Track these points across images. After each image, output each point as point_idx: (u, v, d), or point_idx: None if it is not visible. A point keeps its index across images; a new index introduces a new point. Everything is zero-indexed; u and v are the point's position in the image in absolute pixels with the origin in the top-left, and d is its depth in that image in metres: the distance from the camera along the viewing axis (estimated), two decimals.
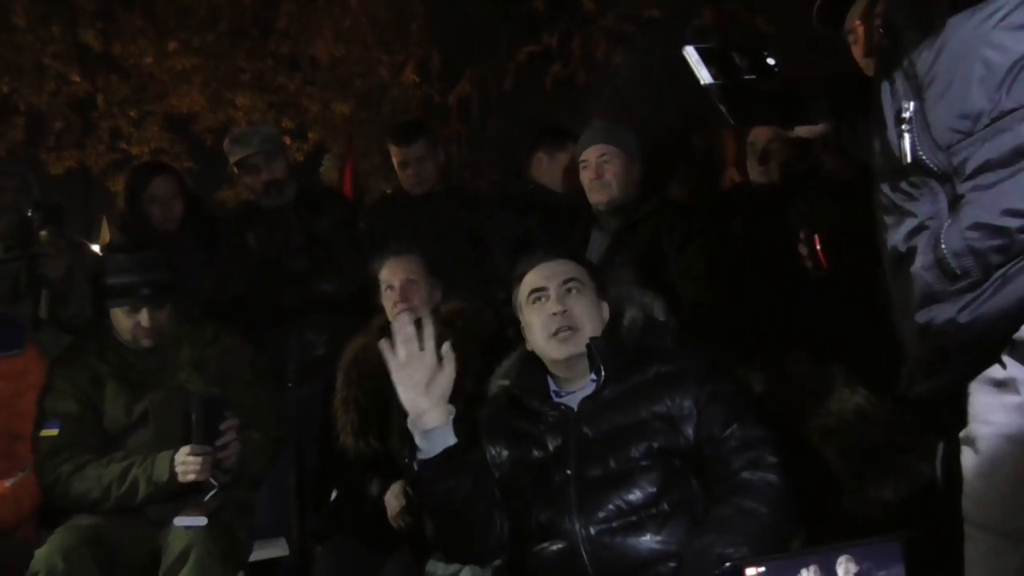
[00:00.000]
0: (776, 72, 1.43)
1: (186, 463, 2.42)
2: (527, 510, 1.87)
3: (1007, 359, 1.17)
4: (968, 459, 1.23)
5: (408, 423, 1.82)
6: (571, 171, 3.25)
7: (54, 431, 2.58)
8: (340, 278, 3.25)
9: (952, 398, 1.26)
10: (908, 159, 1.20)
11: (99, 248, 3.72)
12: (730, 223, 2.84)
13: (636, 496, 1.76)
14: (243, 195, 4.76)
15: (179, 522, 2.38)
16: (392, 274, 2.66)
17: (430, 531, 1.99)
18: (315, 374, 3.14)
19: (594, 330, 1.92)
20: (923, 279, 1.18)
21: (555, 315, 1.90)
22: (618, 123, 3.30)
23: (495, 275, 3.13)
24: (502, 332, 2.54)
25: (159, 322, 2.65)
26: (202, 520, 2.36)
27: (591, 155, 2.89)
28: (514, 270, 2.06)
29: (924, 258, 1.18)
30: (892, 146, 1.23)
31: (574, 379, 1.94)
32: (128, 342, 2.68)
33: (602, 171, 2.86)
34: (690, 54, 1.43)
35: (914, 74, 1.20)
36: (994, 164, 1.12)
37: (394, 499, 2.46)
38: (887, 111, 1.25)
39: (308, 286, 3.25)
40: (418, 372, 1.79)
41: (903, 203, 1.22)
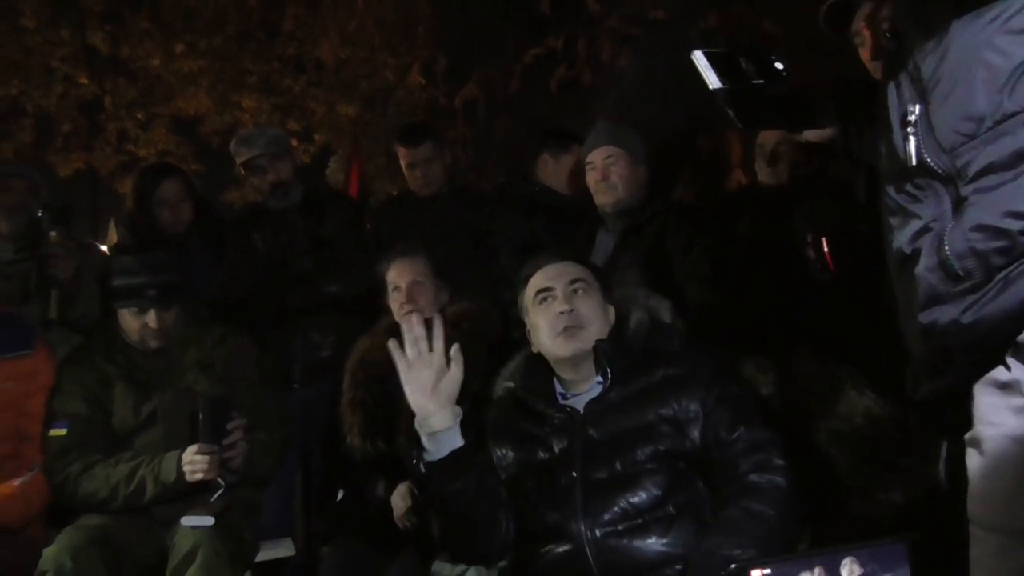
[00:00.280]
0: (783, 76, 1.43)
1: (193, 462, 2.43)
2: (532, 512, 1.87)
3: (1011, 361, 1.17)
4: (973, 461, 1.24)
5: (415, 424, 1.82)
6: (576, 173, 3.26)
7: (63, 431, 2.59)
8: (346, 279, 3.25)
9: (957, 400, 1.27)
10: (913, 161, 1.20)
11: (106, 249, 3.74)
12: (737, 224, 2.84)
13: (641, 499, 1.76)
14: (250, 197, 4.78)
15: (186, 522, 2.39)
16: (399, 275, 2.66)
17: (436, 532, 1.99)
18: (321, 375, 3.14)
19: (600, 331, 1.92)
20: (927, 280, 1.19)
21: (562, 314, 1.90)
22: (623, 125, 3.30)
23: (501, 276, 3.14)
24: (508, 334, 2.54)
25: (166, 323, 2.66)
26: (209, 520, 2.37)
27: (597, 157, 2.89)
28: (520, 272, 2.06)
29: (928, 260, 1.19)
30: (898, 149, 1.24)
31: (580, 381, 1.94)
32: (136, 343, 2.69)
33: (608, 173, 2.87)
34: (698, 59, 1.43)
35: (919, 77, 1.21)
36: (996, 167, 1.12)
37: (400, 500, 2.47)
38: (893, 114, 1.26)
39: (313, 287, 3.25)
40: (426, 373, 1.79)
41: (908, 205, 1.23)
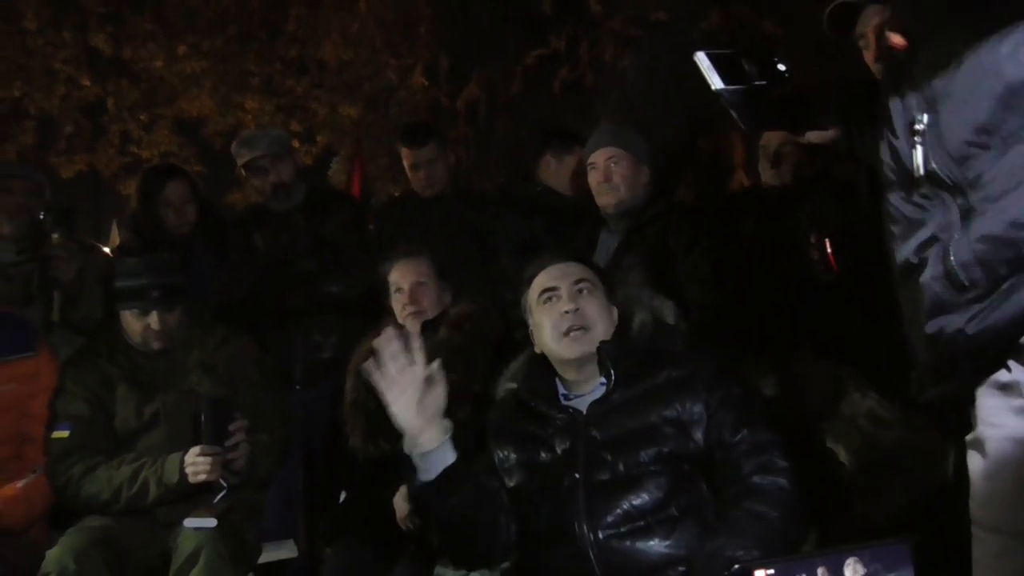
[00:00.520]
0: (786, 78, 1.43)
1: (196, 464, 2.43)
2: (535, 513, 1.86)
3: (1012, 363, 1.17)
4: (975, 462, 1.24)
5: (404, 446, 1.80)
6: (579, 174, 3.26)
7: (65, 433, 2.59)
8: (347, 280, 3.25)
9: (961, 403, 1.27)
10: (920, 171, 1.20)
11: (110, 251, 3.74)
12: (740, 225, 2.84)
13: (644, 500, 1.76)
14: (252, 198, 4.78)
15: (189, 523, 2.39)
16: (402, 276, 2.66)
17: (435, 541, 1.99)
18: (322, 376, 3.14)
19: (605, 332, 1.91)
20: (932, 289, 1.19)
21: (567, 313, 1.90)
22: (626, 126, 3.30)
23: (502, 277, 3.14)
24: (510, 335, 2.54)
25: (169, 325, 2.66)
26: (212, 521, 2.38)
27: (599, 158, 2.89)
28: (523, 273, 2.05)
29: (934, 269, 1.18)
30: (903, 157, 1.23)
31: (583, 382, 1.93)
32: (138, 345, 2.69)
33: (610, 173, 2.86)
34: (701, 60, 1.43)
35: (929, 87, 1.20)
36: (1005, 178, 1.12)
37: (403, 501, 2.46)
38: (897, 122, 1.25)
39: (315, 288, 3.26)
40: (409, 389, 1.76)
41: (913, 214, 1.22)
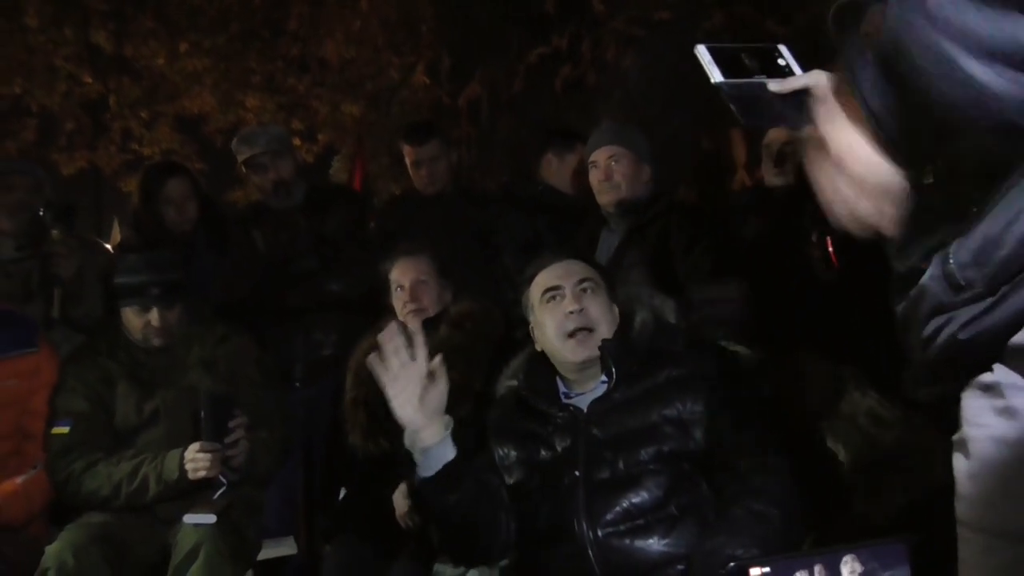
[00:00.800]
0: (787, 73, 1.42)
1: (195, 460, 2.44)
2: (535, 511, 1.86)
3: (996, 364, 1.17)
4: (960, 462, 1.23)
5: (405, 442, 1.80)
6: (580, 172, 3.26)
7: (65, 429, 2.60)
8: (348, 278, 3.25)
9: (956, 402, 1.26)
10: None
11: (111, 247, 3.74)
12: (744, 225, 2.83)
13: (644, 499, 1.75)
14: (253, 196, 4.79)
15: (188, 520, 2.39)
16: (403, 274, 2.66)
17: (435, 538, 1.99)
18: (323, 374, 3.14)
19: (608, 331, 1.91)
20: (931, 290, 1.19)
21: (571, 314, 1.89)
22: (627, 124, 3.30)
23: (504, 276, 3.14)
24: (511, 333, 2.54)
25: (169, 322, 2.66)
26: (211, 518, 2.38)
27: (600, 156, 2.89)
28: (524, 271, 2.05)
29: (932, 269, 1.18)
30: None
31: (584, 381, 1.93)
32: (139, 341, 2.69)
33: (611, 172, 2.86)
34: (702, 53, 1.42)
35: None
36: (1008, 179, 1.11)
37: (402, 498, 2.46)
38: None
39: (315, 286, 3.25)
40: (411, 385, 1.76)
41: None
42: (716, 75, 1.40)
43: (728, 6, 4.75)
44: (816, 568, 1.22)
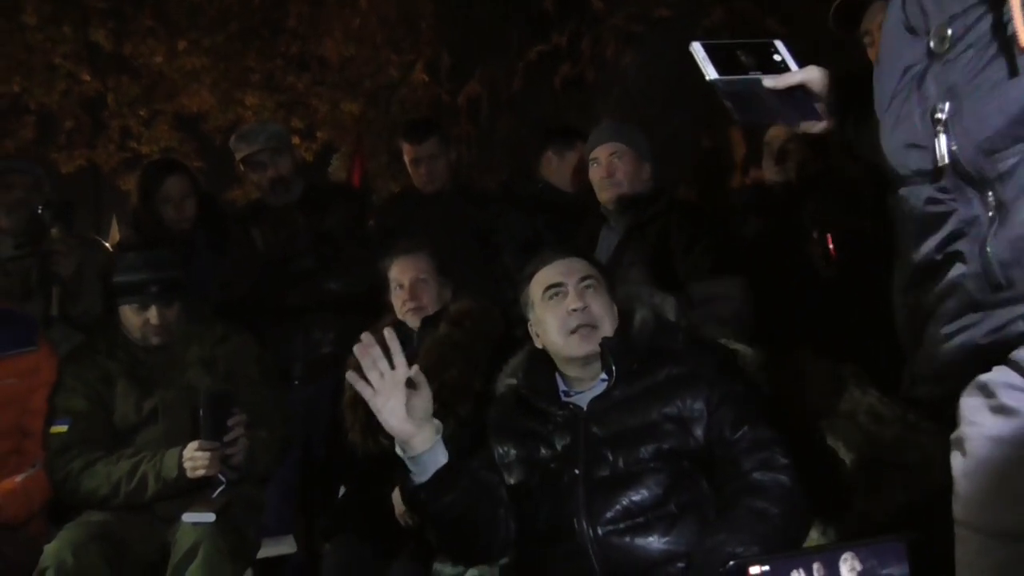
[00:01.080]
0: (783, 69, 1.41)
1: (194, 458, 2.44)
2: (534, 509, 1.86)
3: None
4: (956, 461, 1.23)
5: (396, 450, 1.79)
6: (580, 170, 3.25)
7: (63, 428, 2.59)
8: (347, 276, 3.24)
9: (955, 400, 1.26)
10: (945, 161, 1.14)
11: (109, 246, 3.74)
12: (745, 223, 2.83)
13: (644, 497, 1.75)
14: (252, 194, 4.79)
15: (187, 518, 2.39)
16: (402, 272, 2.66)
17: (433, 540, 1.98)
18: (322, 372, 3.14)
19: (610, 330, 1.90)
20: (963, 288, 1.15)
21: (575, 311, 1.88)
22: (628, 122, 3.29)
23: (504, 274, 3.13)
24: (510, 332, 2.54)
25: (168, 320, 2.66)
26: (210, 516, 2.38)
27: (602, 153, 2.88)
28: (524, 268, 2.04)
29: (969, 267, 1.14)
30: (921, 148, 1.18)
31: (585, 379, 1.93)
32: (137, 340, 2.69)
33: (613, 169, 2.85)
34: (696, 51, 1.41)
35: (953, 75, 1.15)
36: None
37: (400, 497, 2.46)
38: (914, 112, 1.19)
39: (314, 284, 3.25)
40: (395, 394, 1.73)
41: (933, 208, 1.17)
42: (711, 72, 1.39)
43: (728, 3, 4.75)
44: (815, 566, 1.22)
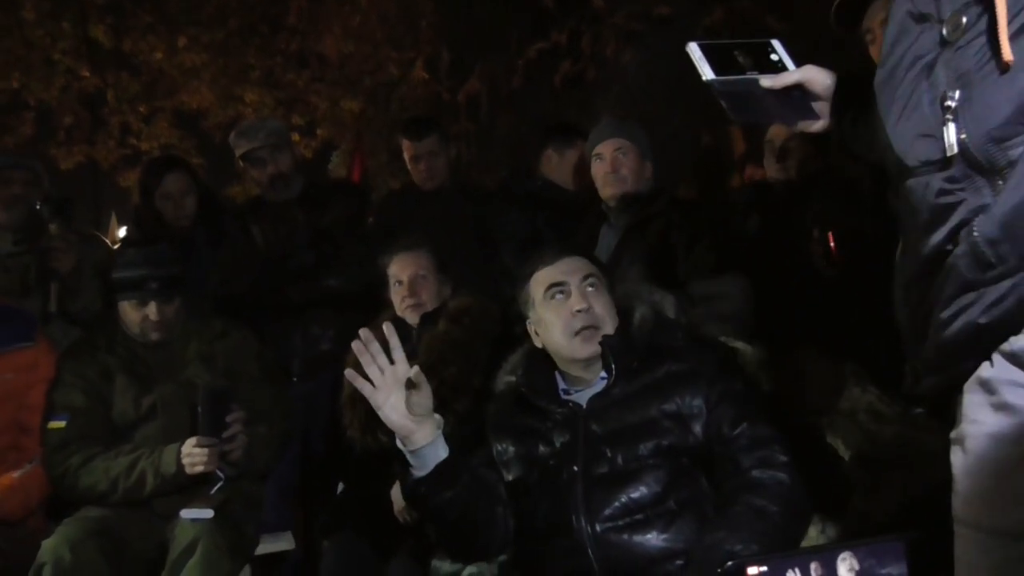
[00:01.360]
0: (780, 69, 1.41)
1: (193, 455, 2.43)
2: (533, 507, 1.86)
3: (995, 357, 1.15)
4: (957, 458, 1.22)
5: (397, 444, 1.79)
6: (581, 168, 3.25)
7: (62, 423, 2.59)
8: (346, 273, 3.24)
9: (957, 395, 1.25)
10: (954, 150, 1.13)
11: (109, 242, 3.73)
12: (744, 222, 2.83)
13: (642, 494, 1.75)
14: (252, 190, 4.78)
15: (186, 515, 2.39)
16: (401, 269, 2.66)
17: (432, 536, 1.98)
18: (321, 369, 3.14)
19: (611, 329, 1.90)
20: (956, 268, 1.15)
21: (579, 312, 1.87)
22: (629, 120, 3.29)
23: (503, 272, 3.13)
24: (509, 329, 2.53)
25: (167, 316, 2.65)
26: (209, 513, 2.37)
27: (606, 148, 2.87)
28: (524, 266, 2.04)
29: (959, 247, 1.14)
30: (929, 138, 1.16)
31: (585, 377, 1.92)
32: (136, 336, 2.69)
33: (618, 164, 2.84)
34: (693, 51, 1.41)
35: (964, 62, 1.15)
36: None
37: (399, 494, 2.46)
38: (923, 100, 1.18)
39: (314, 281, 3.24)
40: (395, 393, 1.73)
41: (941, 199, 1.16)
42: (707, 72, 1.39)
43: (728, 2, 4.74)
44: (813, 566, 1.21)
